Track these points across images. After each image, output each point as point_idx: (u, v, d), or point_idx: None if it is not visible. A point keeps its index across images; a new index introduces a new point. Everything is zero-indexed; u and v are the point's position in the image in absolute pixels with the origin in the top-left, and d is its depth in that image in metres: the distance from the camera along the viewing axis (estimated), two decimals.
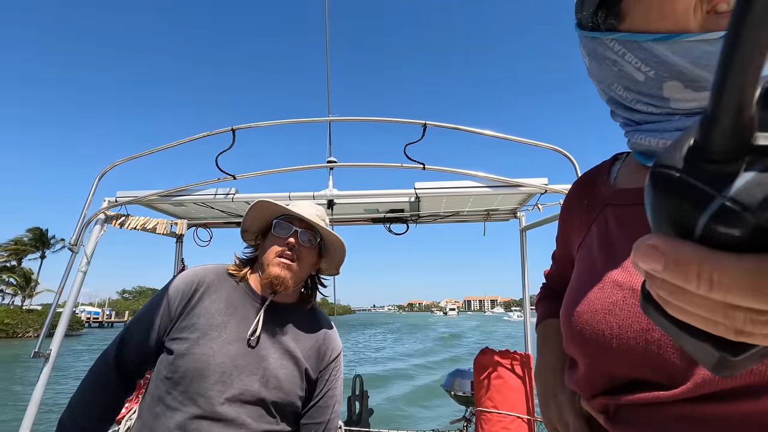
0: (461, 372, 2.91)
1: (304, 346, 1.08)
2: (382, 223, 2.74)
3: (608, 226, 0.52)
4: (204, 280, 1.07)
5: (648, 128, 0.48)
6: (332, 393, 1.11)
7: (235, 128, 2.10)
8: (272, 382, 0.99)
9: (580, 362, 0.48)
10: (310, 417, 1.07)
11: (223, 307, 1.03)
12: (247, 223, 1.15)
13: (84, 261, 2.04)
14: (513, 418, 2.27)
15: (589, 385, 0.48)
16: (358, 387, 3.27)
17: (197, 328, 0.99)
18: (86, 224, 2.02)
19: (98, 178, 2.05)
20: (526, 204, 2.54)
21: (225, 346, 0.98)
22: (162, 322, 1.02)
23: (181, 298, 1.03)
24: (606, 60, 0.49)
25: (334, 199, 2.26)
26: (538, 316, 0.74)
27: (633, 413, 0.43)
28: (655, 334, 0.39)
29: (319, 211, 1.17)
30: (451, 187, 2.13)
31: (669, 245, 0.19)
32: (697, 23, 0.41)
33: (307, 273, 1.14)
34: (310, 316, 1.16)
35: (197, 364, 0.94)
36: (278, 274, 1.04)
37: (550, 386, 0.62)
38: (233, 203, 2.28)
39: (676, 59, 0.42)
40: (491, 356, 2.41)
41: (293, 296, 1.15)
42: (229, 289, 1.07)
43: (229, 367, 0.96)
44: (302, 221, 1.10)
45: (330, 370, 1.12)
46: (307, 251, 1.10)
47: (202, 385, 0.93)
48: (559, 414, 0.58)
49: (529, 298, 2.75)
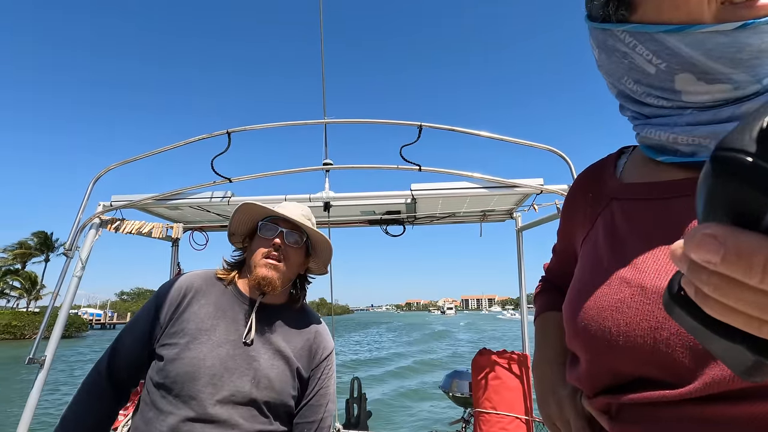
0: (459, 373, 2.91)
1: (294, 346, 1.08)
2: (379, 224, 2.74)
3: (615, 221, 0.51)
4: (192, 285, 1.08)
5: (658, 122, 0.47)
6: (324, 391, 1.11)
7: (230, 131, 2.09)
8: (263, 382, 0.99)
9: (583, 358, 0.47)
10: (303, 416, 1.07)
11: (212, 311, 1.04)
12: (234, 226, 1.16)
13: (79, 266, 2.03)
14: (511, 419, 2.28)
15: (591, 382, 0.47)
16: (356, 389, 3.26)
17: (187, 332, 1.00)
18: (81, 229, 2.01)
19: (93, 182, 2.03)
20: (522, 205, 2.55)
21: (215, 349, 0.98)
22: (152, 330, 1.03)
23: (170, 304, 1.04)
24: (616, 52, 0.48)
25: (331, 201, 2.26)
26: (536, 309, 0.73)
27: (637, 412, 0.42)
28: (664, 332, 0.39)
29: (305, 211, 1.17)
30: (447, 189, 2.14)
31: (730, 235, 0.18)
32: (711, 14, 0.40)
33: (295, 273, 1.15)
34: (300, 316, 1.16)
35: (187, 368, 0.95)
36: (265, 275, 1.04)
37: (549, 381, 0.61)
38: (229, 206, 2.27)
39: (689, 51, 0.41)
40: (489, 357, 2.41)
41: (282, 297, 1.15)
42: (217, 294, 1.08)
43: (220, 369, 0.96)
44: (288, 222, 1.11)
45: (322, 369, 1.12)
46: (293, 251, 1.11)
47: (193, 388, 0.93)
48: (559, 410, 0.57)
49: (526, 298, 2.75)
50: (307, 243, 1.16)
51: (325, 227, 2.80)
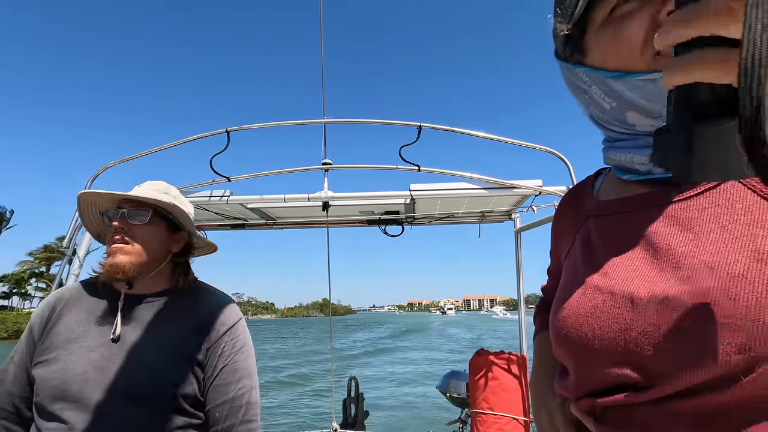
0: (456, 373, 2.91)
1: (180, 330, 1.01)
2: (378, 224, 2.74)
3: (590, 236, 0.55)
4: (62, 297, 1.04)
5: (619, 145, 0.52)
6: (232, 368, 1.02)
7: (229, 130, 2.09)
8: (144, 375, 0.93)
9: (568, 365, 0.51)
10: (211, 400, 0.99)
11: (83, 318, 1.00)
12: (86, 221, 1.10)
13: (77, 264, 2.03)
14: (509, 420, 2.27)
15: (576, 388, 0.49)
16: (354, 389, 3.26)
17: (56, 346, 0.96)
18: (78, 227, 2.01)
19: (91, 180, 2.03)
20: (520, 206, 2.55)
21: (85, 354, 0.94)
22: (28, 352, 0.99)
23: (41, 322, 1.00)
24: (578, 88, 0.53)
25: (329, 201, 2.26)
26: (535, 329, 0.77)
27: (617, 414, 0.44)
28: (633, 333, 0.41)
29: (158, 186, 1.09)
30: (446, 189, 2.13)
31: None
32: (645, 62, 0.44)
33: (159, 252, 1.06)
34: (187, 298, 1.08)
35: (55, 382, 0.90)
36: (112, 262, 0.97)
37: (542, 393, 0.64)
38: (228, 205, 2.27)
39: (631, 94, 0.46)
40: (486, 357, 2.41)
41: (159, 283, 1.07)
42: (91, 299, 1.03)
43: (93, 374, 0.91)
44: (131, 201, 1.03)
45: (222, 345, 1.03)
46: (142, 229, 1.02)
47: (67, 399, 0.89)
48: (549, 420, 0.59)
49: (524, 299, 2.75)
50: (170, 218, 1.07)
51: (324, 227, 2.80)
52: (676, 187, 0.46)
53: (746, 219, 0.39)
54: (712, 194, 0.43)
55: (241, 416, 1.00)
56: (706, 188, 0.44)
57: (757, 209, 0.39)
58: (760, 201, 0.40)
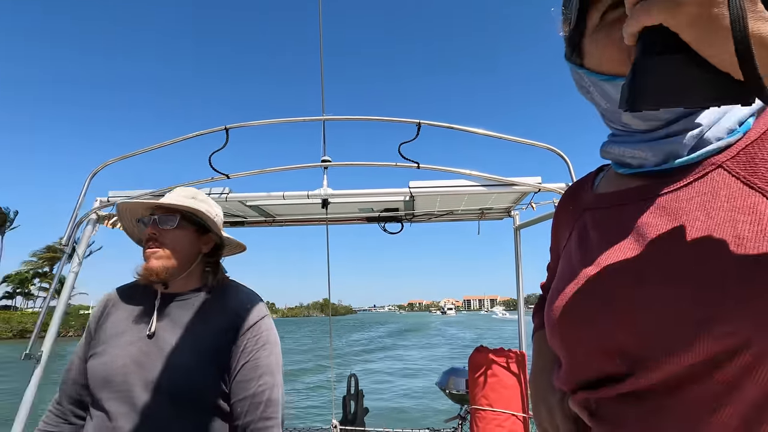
0: (456, 370, 2.91)
1: (211, 328, 1.08)
2: (377, 222, 2.74)
3: (586, 229, 0.56)
4: (112, 298, 1.17)
5: (617, 140, 0.54)
6: (254, 364, 1.06)
7: (228, 127, 2.09)
8: (173, 371, 1.00)
9: (561, 355, 0.52)
10: (234, 395, 1.04)
11: (126, 315, 1.11)
12: (129, 232, 1.22)
13: (76, 261, 2.03)
14: (508, 416, 2.28)
15: (570, 378, 0.50)
16: (353, 386, 3.27)
17: (103, 340, 1.07)
18: (78, 224, 2.01)
19: (90, 178, 2.03)
20: (520, 203, 2.55)
21: (125, 348, 1.04)
22: (86, 346, 1.12)
23: (95, 320, 1.14)
24: (582, 88, 0.56)
25: (329, 198, 2.25)
26: (534, 326, 0.77)
27: (611, 408, 0.45)
28: (617, 321, 0.43)
29: (187, 192, 1.17)
30: (445, 186, 2.13)
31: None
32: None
33: (190, 255, 1.13)
34: (216, 295, 1.14)
35: (101, 373, 1.02)
36: (148, 267, 1.06)
37: (541, 389, 0.64)
38: (227, 203, 2.27)
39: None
40: (486, 354, 2.41)
41: (191, 282, 1.15)
42: (133, 298, 1.14)
43: (132, 367, 1.00)
44: (161, 208, 1.12)
45: (245, 341, 1.07)
46: (172, 234, 1.10)
47: (110, 390, 0.99)
48: (549, 415, 0.60)
49: (524, 297, 2.75)
50: (198, 222, 1.14)
51: (323, 224, 2.80)
52: (667, 179, 0.47)
53: (729, 205, 0.40)
54: (699, 184, 0.44)
55: (260, 413, 1.03)
56: (694, 178, 0.45)
57: (740, 195, 0.40)
58: (742, 187, 0.41)
